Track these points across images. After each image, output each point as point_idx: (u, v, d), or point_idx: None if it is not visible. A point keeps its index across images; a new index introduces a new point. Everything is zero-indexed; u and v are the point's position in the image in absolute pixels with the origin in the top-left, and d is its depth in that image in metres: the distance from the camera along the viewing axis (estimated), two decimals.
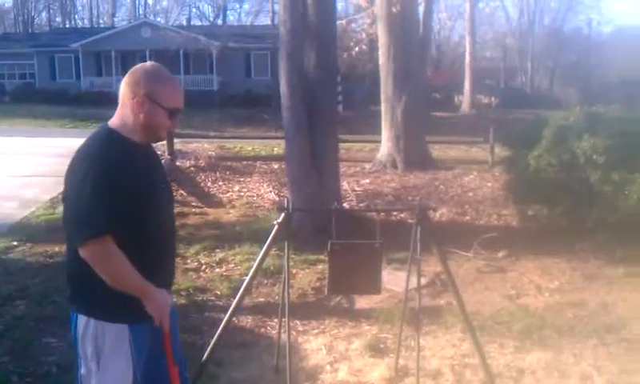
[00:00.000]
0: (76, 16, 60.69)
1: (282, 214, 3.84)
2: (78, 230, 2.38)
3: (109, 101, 33.67)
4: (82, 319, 2.51)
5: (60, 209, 9.13)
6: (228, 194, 10.94)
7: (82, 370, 2.55)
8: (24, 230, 8.16)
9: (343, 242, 4.01)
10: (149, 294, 2.48)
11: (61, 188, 2.52)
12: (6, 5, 57.87)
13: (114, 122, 2.53)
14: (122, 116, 2.53)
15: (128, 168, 2.42)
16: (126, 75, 2.54)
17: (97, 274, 2.40)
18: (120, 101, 2.54)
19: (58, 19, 58.91)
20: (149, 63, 2.63)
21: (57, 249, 7.13)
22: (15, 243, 7.51)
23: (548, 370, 4.40)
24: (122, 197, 2.35)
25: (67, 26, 55.93)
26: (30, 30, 51.51)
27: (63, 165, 2.57)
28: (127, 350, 2.50)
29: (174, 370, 2.67)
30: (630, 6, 75.47)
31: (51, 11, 58.08)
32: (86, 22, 58.52)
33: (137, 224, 2.42)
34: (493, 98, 36.96)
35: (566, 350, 4.71)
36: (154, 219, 2.51)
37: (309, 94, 7.75)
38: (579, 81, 43.44)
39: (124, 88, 2.52)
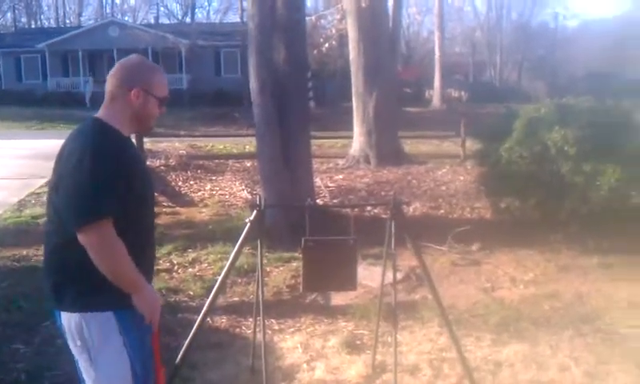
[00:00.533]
0: (42, 16, 59.69)
1: (254, 212, 3.77)
2: (78, 214, 2.32)
3: (76, 101, 33.57)
4: (64, 315, 2.46)
5: (27, 212, 9.05)
6: (200, 193, 10.83)
7: (80, 364, 2.52)
8: None
9: (317, 239, 3.95)
10: (142, 290, 2.45)
11: (28, 190, 2.45)
12: None
13: (101, 115, 2.52)
14: (110, 110, 2.53)
15: (122, 154, 2.43)
16: (114, 70, 2.57)
17: (75, 266, 2.37)
18: (108, 96, 2.55)
19: (24, 20, 57.90)
20: (134, 56, 2.64)
21: (24, 252, 6.97)
22: None
23: (525, 362, 4.40)
24: (117, 182, 2.35)
25: (33, 26, 55.03)
26: None
27: (30, 167, 2.51)
28: (117, 337, 2.44)
29: (161, 371, 2.63)
30: (595, 0, 76.50)
31: (16, 11, 56.86)
32: (52, 22, 57.60)
33: (128, 210, 2.39)
34: (463, 93, 37.22)
35: (542, 342, 4.71)
36: (143, 208, 2.53)
37: (279, 88, 7.66)
38: (547, 74, 43.97)
39: (115, 82, 2.53)
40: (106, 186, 2.32)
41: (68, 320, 2.45)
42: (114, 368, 2.46)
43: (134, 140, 2.93)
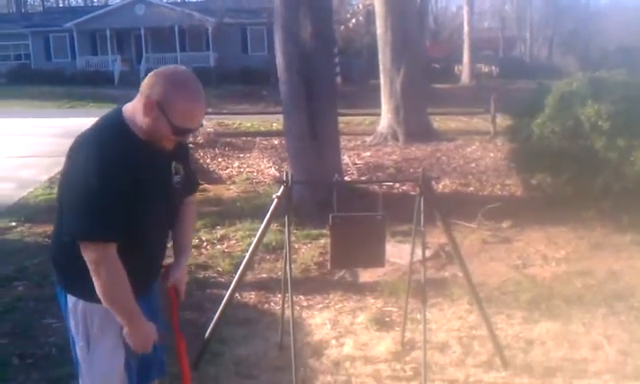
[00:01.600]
0: None
1: (282, 188, 3.74)
2: (80, 224, 2.22)
3: (105, 80, 33.84)
4: (70, 298, 2.42)
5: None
6: (228, 170, 10.84)
7: (77, 348, 2.47)
8: (22, 211, 8.06)
9: (345, 215, 3.92)
10: (135, 323, 2.34)
11: (58, 168, 2.42)
12: None
13: (127, 109, 2.33)
14: (133, 106, 2.32)
15: (125, 166, 2.22)
16: (154, 71, 2.30)
17: (82, 259, 2.28)
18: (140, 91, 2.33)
19: None
20: (180, 68, 2.33)
21: None
22: (14, 224, 7.42)
23: (557, 340, 4.33)
24: (115, 196, 2.19)
25: (60, 5, 55.42)
26: (23, 10, 51.04)
27: (60, 145, 2.47)
28: (117, 331, 2.39)
29: (182, 343, 2.62)
30: None
31: None
32: (79, 1, 57.98)
33: (130, 228, 2.26)
34: (493, 67, 36.68)
35: (575, 320, 4.63)
36: (142, 226, 2.33)
37: (305, 64, 7.59)
38: (578, 49, 43.22)
39: (144, 82, 2.28)
40: (111, 206, 2.19)
41: (74, 304, 2.41)
42: (109, 361, 2.43)
43: None
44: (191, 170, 2.67)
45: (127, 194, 2.22)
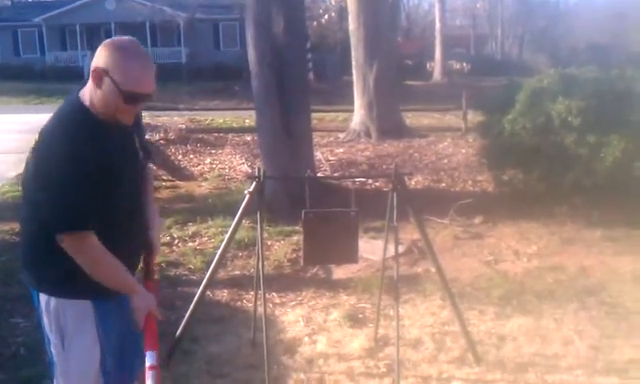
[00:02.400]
0: None
1: (254, 183, 3.70)
2: (57, 217, 2.18)
3: (75, 75, 33.29)
4: (42, 297, 2.37)
5: None
6: (199, 167, 10.75)
7: (51, 347, 2.42)
8: None
9: (318, 211, 3.89)
10: (137, 290, 2.36)
11: None
12: None
13: (84, 93, 2.29)
14: (88, 87, 2.29)
15: (95, 151, 2.19)
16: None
17: (53, 253, 2.24)
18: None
19: None
20: (123, 37, 2.33)
21: None
22: None
23: (529, 335, 4.35)
24: (90, 184, 2.16)
25: (29, 0, 54.53)
26: None
27: (28, 141, 2.39)
28: (92, 328, 2.35)
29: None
30: None
31: None
32: None
33: (102, 210, 2.23)
34: (465, 64, 36.91)
35: (546, 315, 4.66)
36: (117, 205, 2.30)
37: (277, 59, 7.55)
38: (548, 47, 43.66)
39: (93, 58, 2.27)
40: (82, 193, 2.15)
41: (46, 302, 2.36)
42: (84, 359, 2.39)
43: None
44: (146, 141, 2.67)
45: (100, 180, 2.19)
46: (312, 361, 4.06)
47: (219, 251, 3.99)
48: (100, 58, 2.22)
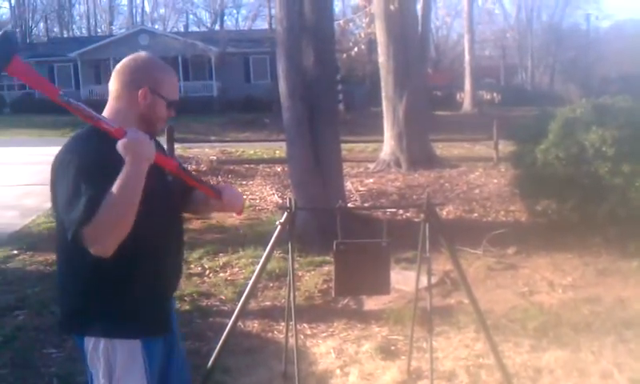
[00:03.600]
0: (74, 26, 60.79)
1: (285, 214, 3.70)
2: (73, 215, 2.07)
3: None
4: (88, 340, 2.28)
5: None
6: None
7: None
8: (24, 239, 8.03)
9: (349, 242, 3.87)
10: (134, 162, 2.07)
11: None
12: (4, 16, 57.97)
13: (104, 114, 2.31)
14: (114, 110, 2.32)
15: (112, 158, 2.07)
16: (120, 66, 2.37)
17: (95, 284, 2.21)
18: (113, 95, 2.35)
19: (56, 29, 58.92)
20: (142, 53, 2.44)
21: None
22: (15, 252, 7.39)
23: (566, 368, 4.25)
24: (105, 178, 2.05)
25: (65, 35, 55.93)
26: (27, 41, 51.48)
27: None
28: (141, 367, 2.30)
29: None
30: (628, 0, 75.35)
31: (49, 21, 58.03)
32: (83, 31, 58.56)
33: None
34: (495, 94, 36.79)
35: (584, 348, 4.55)
36: (142, 222, 2.16)
37: (308, 91, 7.60)
38: (579, 76, 43.32)
39: (119, 79, 2.34)
40: (91, 190, 2.05)
41: (94, 344, 2.27)
42: None
43: (165, 145, 2.72)
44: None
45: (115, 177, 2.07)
46: None
47: (250, 282, 3.98)
48: (137, 80, 2.32)
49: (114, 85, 2.36)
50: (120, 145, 2.05)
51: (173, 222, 2.49)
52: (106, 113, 2.33)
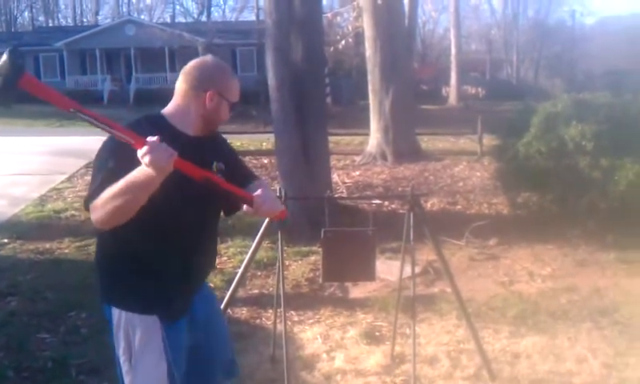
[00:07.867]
0: (59, 15, 60.33)
1: None
2: (89, 190, 2.26)
3: (94, 99, 33.77)
4: (115, 311, 2.42)
5: (49, 206, 9.19)
6: None
7: (121, 362, 2.45)
8: (14, 228, 8.09)
9: (336, 230, 4.03)
10: (152, 171, 2.09)
11: (49, 186, 2.46)
12: None
13: (166, 111, 2.45)
14: (177, 107, 2.44)
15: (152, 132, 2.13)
16: (189, 67, 2.46)
17: (123, 261, 2.39)
18: (180, 93, 2.44)
19: (41, 18, 58.49)
20: (210, 57, 2.55)
21: (47, 245, 7.11)
22: (5, 240, 7.45)
23: (543, 353, 4.43)
24: (120, 173, 2.14)
25: (50, 25, 55.52)
26: (12, 30, 51.09)
27: (49, 163, 2.52)
28: (159, 344, 2.39)
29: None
30: None
31: (34, 10, 57.66)
32: (69, 20, 58.15)
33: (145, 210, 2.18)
34: (480, 88, 37.05)
35: (560, 334, 4.73)
36: (167, 213, 2.27)
37: (297, 85, 7.73)
38: (564, 72, 43.66)
39: (190, 81, 2.42)
40: (109, 171, 2.18)
41: (118, 317, 2.41)
42: (153, 373, 2.41)
43: None
44: (239, 163, 2.72)
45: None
46: (330, 377, 4.16)
47: (240, 270, 4.12)
48: (206, 82, 2.42)
49: (181, 85, 2.45)
50: (139, 153, 2.10)
51: (205, 215, 2.52)
52: (168, 108, 2.47)
